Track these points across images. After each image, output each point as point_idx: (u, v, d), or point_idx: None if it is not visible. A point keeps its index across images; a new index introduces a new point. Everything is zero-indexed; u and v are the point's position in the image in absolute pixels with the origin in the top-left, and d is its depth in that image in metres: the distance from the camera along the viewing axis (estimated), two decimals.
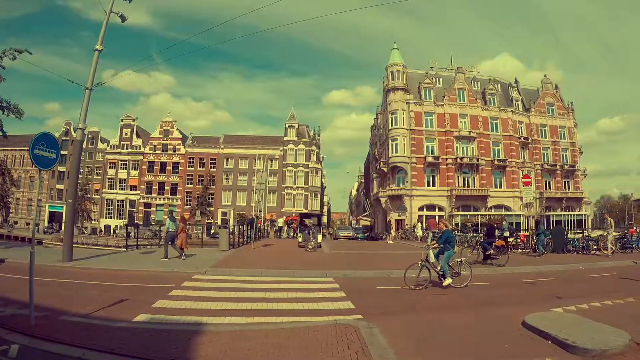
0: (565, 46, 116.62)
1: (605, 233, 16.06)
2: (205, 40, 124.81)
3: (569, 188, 45.90)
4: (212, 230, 39.22)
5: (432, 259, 8.13)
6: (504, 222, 23.08)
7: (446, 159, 41.33)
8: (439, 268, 8.06)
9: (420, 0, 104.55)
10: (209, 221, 45.69)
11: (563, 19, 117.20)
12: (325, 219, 59.34)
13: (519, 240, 19.79)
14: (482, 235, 18.22)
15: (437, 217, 39.13)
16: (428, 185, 41.36)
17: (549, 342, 4.64)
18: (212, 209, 47.26)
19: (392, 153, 41.32)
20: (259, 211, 28.79)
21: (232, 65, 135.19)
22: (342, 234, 30.34)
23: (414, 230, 32.12)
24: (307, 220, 22.40)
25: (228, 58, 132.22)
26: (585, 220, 44.73)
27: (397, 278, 8.93)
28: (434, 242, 8.74)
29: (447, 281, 8.00)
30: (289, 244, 22.62)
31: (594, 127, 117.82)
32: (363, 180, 66.94)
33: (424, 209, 41.02)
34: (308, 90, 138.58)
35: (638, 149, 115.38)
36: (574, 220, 44.63)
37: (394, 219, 41.83)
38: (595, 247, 16.63)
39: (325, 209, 64.29)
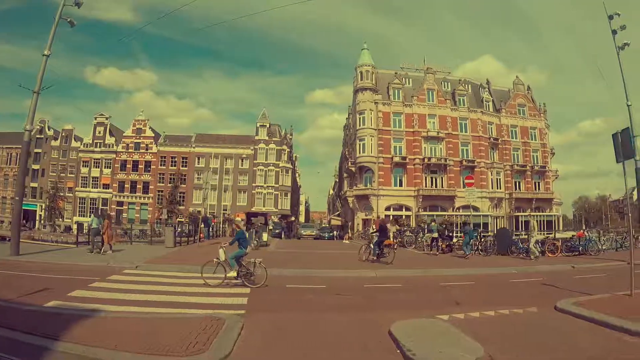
0: (548, 49, 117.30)
1: (527, 237, 15.96)
2: (189, 38, 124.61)
3: (539, 189, 45.94)
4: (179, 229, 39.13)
5: (222, 257, 8.27)
6: (432, 224, 23.11)
7: (414, 159, 41.31)
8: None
9: (405, 1, 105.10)
10: (180, 220, 45.54)
11: (546, 22, 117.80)
12: (302, 218, 59.34)
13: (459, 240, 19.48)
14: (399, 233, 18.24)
15: (391, 216, 39.20)
16: (395, 185, 41.34)
17: (399, 352, 4.44)
18: (182, 207, 47.12)
19: (360, 153, 41.28)
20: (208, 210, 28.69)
21: (215, 63, 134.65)
22: (304, 233, 29.72)
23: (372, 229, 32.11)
24: (253, 219, 22.51)
25: (211, 56, 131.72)
26: (555, 221, 44.87)
27: (318, 277, 9.70)
28: (227, 243, 8.93)
29: (232, 273, 8.19)
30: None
31: (576, 128, 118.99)
32: (337, 180, 67.01)
33: (391, 209, 40.94)
34: (292, 89, 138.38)
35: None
36: (543, 220, 44.80)
37: (361, 218, 41.87)
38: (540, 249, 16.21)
39: (303, 208, 64.31)
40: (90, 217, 15.20)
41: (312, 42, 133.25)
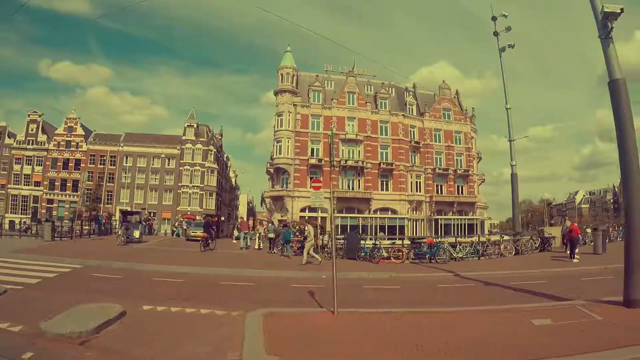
0: (503, 56, 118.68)
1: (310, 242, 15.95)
2: (146, 33, 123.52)
3: (462, 192, 46.30)
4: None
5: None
6: (270, 224, 23.39)
7: (330, 161, 41.52)
8: None
9: (364, 4, 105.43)
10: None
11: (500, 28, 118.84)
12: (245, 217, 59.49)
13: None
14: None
15: (306, 217, 39.45)
16: (311, 187, 41.42)
17: None
18: (109, 206, 47.19)
19: (276, 154, 41.47)
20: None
21: (172, 60, 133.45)
22: (192, 233, 25.91)
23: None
24: (129, 217, 23.88)
25: (168, 53, 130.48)
26: (477, 224, 45.24)
27: (137, 270, 11.62)
28: None
29: None
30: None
31: (526, 134, 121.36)
32: None
33: (306, 210, 41.16)
34: (247, 88, 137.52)
35: (568, 156, 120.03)
36: (464, 224, 45.21)
37: (276, 219, 42.02)
38: (386, 254, 16.35)
39: (243, 209, 64.51)
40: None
41: (269, 43, 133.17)
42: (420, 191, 43.97)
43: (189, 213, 45.86)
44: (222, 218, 46.15)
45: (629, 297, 6.14)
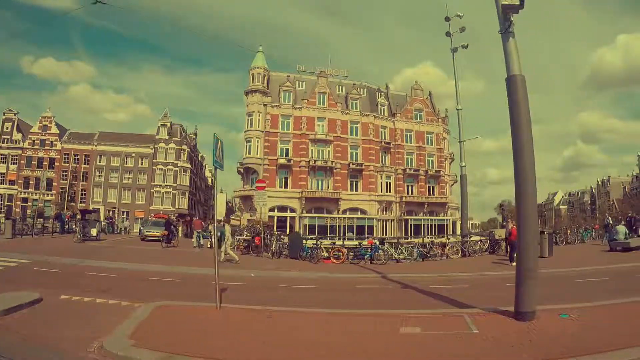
0: (485, 58, 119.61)
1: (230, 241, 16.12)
2: (130, 30, 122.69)
3: (433, 193, 46.61)
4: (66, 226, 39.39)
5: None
6: (209, 226, 23.56)
7: (299, 161, 41.77)
8: None
9: (349, 5, 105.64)
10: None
11: (483, 30, 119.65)
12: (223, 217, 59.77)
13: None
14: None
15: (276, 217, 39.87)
16: (280, 186, 41.76)
17: None
18: (83, 205, 47.29)
19: (246, 154, 41.68)
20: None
21: (155, 57, 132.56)
22: (146, 233, 24.87)
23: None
24: (87, 215, 24.53)
25: (152, 50, 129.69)
26: (447, 224, 45.61)
27: (54, 263, 12.12)
28: None
29: None
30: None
31: (508, 136, 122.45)
32: None
33: (275, 210, 41.43)
34: (231, 87, 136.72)
35: (549, 158, 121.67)
36: (434, 224, 45.57)
37: (246, 219, 42.27)
38: (326, 255, 16.61)
39: (222, 208, 64.42)
40: None
41: (253, 42, 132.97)
42: (390, 191, 44.26)
43: (161, 212, 45.94)
44: (196, 218, 46.38)
45: (518, 309, 5.85)
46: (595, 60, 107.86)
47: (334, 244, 19.74)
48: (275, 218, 41.16)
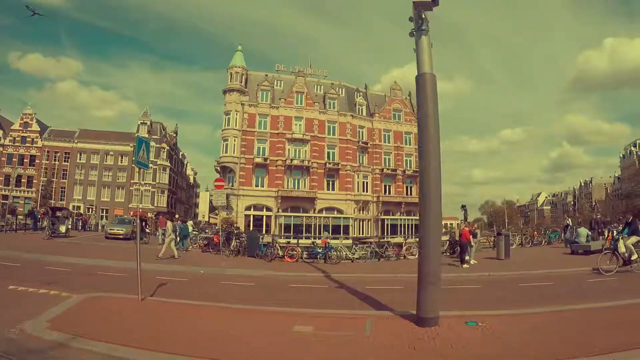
0: (475, 60, 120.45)
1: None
2: (118, 26, 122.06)
3: (411, 193, 46.85)
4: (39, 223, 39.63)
5: None
6: (182, 225, 23.98)
7: (276, 160, 42.03)
8: None
9: (338, 4, 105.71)
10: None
11: (473, 34, 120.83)
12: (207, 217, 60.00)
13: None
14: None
15: (251, 216, 40.23)
16: (257, 185, 42.01)
17: None
18: (63, 202, 47.45)
19: (223, 153, 41.90)
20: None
21: (143, 54, 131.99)
22: (110, 230, 23.99)
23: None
24: (58, 213, 24.62)
25: (140, 47, 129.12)
26: None
27: (16, 257, 12.30)
28: None
29: None
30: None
31: (497, 137, 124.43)
32: None
33: (252, 209, 41.72)
34: (220, 85, 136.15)
35: (538, 159, 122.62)
36: (411, 224, 45.84)
37: (221, 217, 42.50)
38: (281, 253, 16.70)
39: (205, 206, 64.62)
40: None
41: (242, 40, 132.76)
42: (367, 191, 44.57)
43: (140, 210, 46.15)
44: (177, 215, 46.61)
45: (419, 315, 5.65)
46: (582, 62, 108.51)
47: (288, 242, 20.01)
48: (252, 217, 41.51)
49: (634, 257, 10.48)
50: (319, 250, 17.13)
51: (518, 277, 11.18)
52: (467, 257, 14.58)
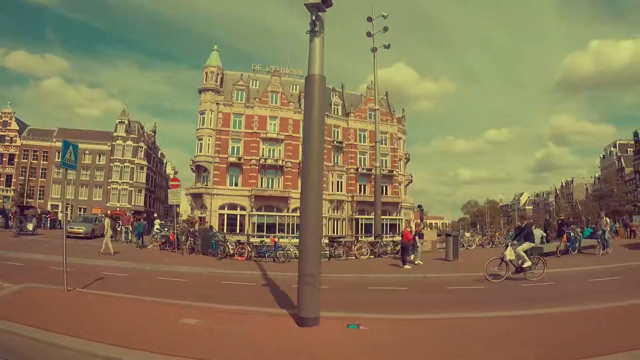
0: (462, 60, 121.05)
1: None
2: (104, 24, 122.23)
3: (386, 193, 47.13)
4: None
5: None
6: (137, 223, 24.30)
7: (250, 159, 42.30)
8: None
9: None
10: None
11: (460, 34, 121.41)
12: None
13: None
14: None
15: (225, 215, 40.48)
16: (231, 185, 42.29)
17: None
18: (41, 201, 47.73)
19: (198, 152, 42.17)
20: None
21: (129, 52, 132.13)
22: (70, 229, 21.96)
23: None
24: (26, 211, 25.89)
25: (126, 45, 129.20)
26: (399, 224, 46.22)
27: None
28: None
29: None
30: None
31: (482, 137, 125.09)
32: None
33: (225, 208, 41.99)
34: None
35: (522, 159, 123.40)
36: (386, 224, 46.12)
37: (197, 216, 42.81)
38: (231, 251, 16.91)
39: (186, 206, 65.00)
40: None
41: (232, 39, 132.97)
42: (341, 191, 44.89)
43: (118, 209, 46.45)
44: (155, 215, 46.90)
45: (299, 315, 5.67)
46: (568, 64, 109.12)
47: (239, 241, 20.32)
48: (226, 216, 41.79)
49: (527, 264, 10.01)
50: (268, 249, 17.24)
51: (449, 280, 11.20)
52: (411, 258, 14.80)
